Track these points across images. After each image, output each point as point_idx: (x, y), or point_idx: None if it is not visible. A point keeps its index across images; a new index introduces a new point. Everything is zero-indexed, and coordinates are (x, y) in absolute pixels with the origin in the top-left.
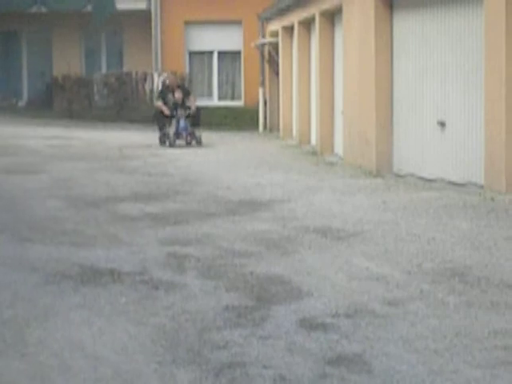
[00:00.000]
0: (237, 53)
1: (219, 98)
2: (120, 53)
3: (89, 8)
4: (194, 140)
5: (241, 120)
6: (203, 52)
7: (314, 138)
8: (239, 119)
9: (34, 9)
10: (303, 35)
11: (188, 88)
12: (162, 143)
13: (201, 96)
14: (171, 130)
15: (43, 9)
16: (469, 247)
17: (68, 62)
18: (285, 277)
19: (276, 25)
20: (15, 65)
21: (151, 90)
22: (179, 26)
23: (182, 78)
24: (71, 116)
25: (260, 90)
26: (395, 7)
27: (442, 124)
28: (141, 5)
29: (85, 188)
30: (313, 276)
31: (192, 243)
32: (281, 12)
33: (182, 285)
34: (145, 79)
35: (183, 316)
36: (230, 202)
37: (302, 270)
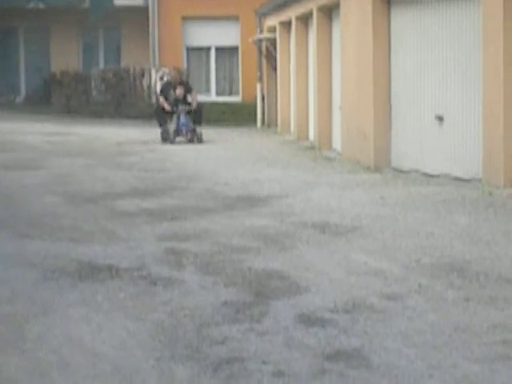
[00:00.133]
0: (234, 48)
1: (217, 94)
2: (118, 48)
3: (86, 4)
4: (195, 137)
5: (239, 116)
6: (201, 48)
7: (312, 134)
8: (237, 115)
9: (32, 5)
10: (301, 30)
11: (190, 85)
12: (164, 140)
13: (199, 92)
14: (172, 126)
15: (41, 5)
16: (467, 242)
17: (66, 58)
18: (283, 272)
19: (273, 20)
20: (13, 61)
21: (149, 86)
22: (177, 22)
23: (185, 75)
24: (69, 112)
25: (258, 86)
26: (393, 2)
27: (440, 118)
28: (138, 0)
29: (83, 184)
30: (311, 271)
31: (190, 239)
32: (278, 7)
33: (180, 280)
34: (142, 75)
35: (181, 312)
36: (228, 198)
37: (301, 266)
